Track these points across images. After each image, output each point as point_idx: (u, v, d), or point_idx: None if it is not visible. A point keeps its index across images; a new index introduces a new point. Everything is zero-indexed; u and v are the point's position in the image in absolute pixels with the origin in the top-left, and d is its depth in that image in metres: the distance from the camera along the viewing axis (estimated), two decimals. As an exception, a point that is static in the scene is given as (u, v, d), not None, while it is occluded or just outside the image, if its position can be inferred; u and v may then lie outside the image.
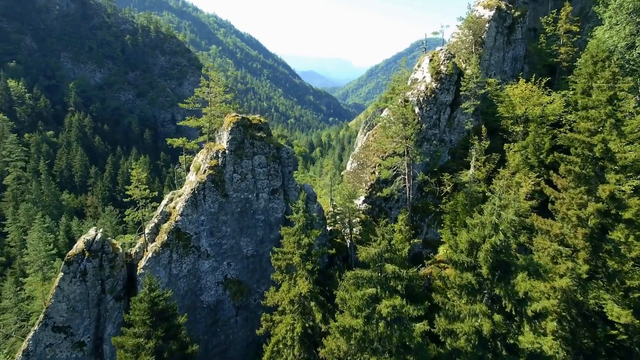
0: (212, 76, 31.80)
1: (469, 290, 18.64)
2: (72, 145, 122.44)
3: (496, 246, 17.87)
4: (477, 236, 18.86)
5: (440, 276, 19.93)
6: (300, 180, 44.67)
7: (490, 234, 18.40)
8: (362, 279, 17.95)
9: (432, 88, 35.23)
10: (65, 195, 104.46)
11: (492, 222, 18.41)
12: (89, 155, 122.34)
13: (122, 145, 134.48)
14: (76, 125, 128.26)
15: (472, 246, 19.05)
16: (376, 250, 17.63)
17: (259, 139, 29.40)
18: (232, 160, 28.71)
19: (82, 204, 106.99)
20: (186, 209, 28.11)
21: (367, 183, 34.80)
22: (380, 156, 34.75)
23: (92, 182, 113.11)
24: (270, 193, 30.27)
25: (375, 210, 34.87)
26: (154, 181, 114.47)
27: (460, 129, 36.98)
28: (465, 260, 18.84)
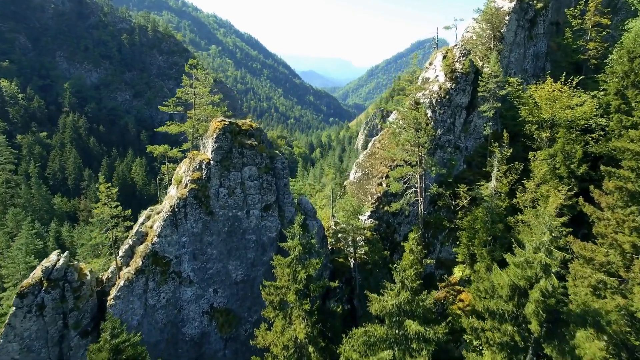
0: (197, 74, 27.62)
1: (509, 349, 14.44)
2: (65, 146, 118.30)
3: (547, 293, 13.69)
4: (520, 278, 14.64)
5: (471, 328, 15.66)
6: (299, 189, 40.44)
7: (538, 275, 14.21)
8: (375, 339, 13.74)
9: (446, 88, 31.01)
10: (57, 199, 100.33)
11: (541, 262, 14.19)
12: (83, 157, 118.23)
13: (118, 146, 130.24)
14: (70, 126, 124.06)
15: (513, 291, 14.82)
16: (394, 302, 13.42)
17: (249, 148, 25.20)
18: (218, 172, 24.51)
19: (74, 208, 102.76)
20: (164, 229, 23.92)
21: (373, 196, 30.60)
22: (388, 165, 30.54)
23: (86, 185, 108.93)
24: (262, 209, 26.08)
25: (382, 226, 30.67)
26: (150, 184, 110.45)
27: (477, 134, 32.77)
28: (506, 309, 14.61)
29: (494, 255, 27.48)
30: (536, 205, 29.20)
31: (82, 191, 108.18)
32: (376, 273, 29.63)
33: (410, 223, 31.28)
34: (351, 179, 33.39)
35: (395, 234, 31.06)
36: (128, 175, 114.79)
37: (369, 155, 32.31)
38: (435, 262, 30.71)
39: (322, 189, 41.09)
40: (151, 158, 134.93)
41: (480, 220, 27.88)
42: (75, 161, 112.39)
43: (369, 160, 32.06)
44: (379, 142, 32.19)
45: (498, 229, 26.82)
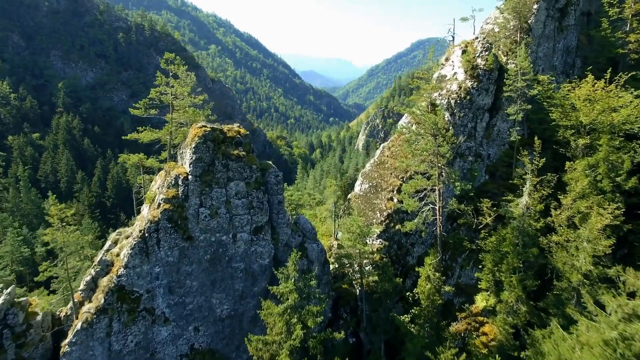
0: (175, 71, 23.18)
1: None
2: (58, 148, 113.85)
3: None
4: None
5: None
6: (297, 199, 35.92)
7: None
8: None
9: (466, 87, 26.52)
10: (48, 203, 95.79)
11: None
12: (77, 159, 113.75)
13: (114, 147, 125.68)
14: (64, 127, 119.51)
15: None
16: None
17: (236, 159, 20.73)
18: (198, 189, 20.06)
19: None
20: (133, 258, 19.47)
21: (382, 212, 26.14)
22: (400, 177, 26.08)
23: (79, 188, 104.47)
24: (252, 232, 21.62)
25: (393, 247, 26.22)
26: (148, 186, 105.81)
27: (501, 140, 28.31)
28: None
29: (525, 284, 23.07)
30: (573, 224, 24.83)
31: (75, 194, 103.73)
32: (386, 303, 25.21)
33: (424, 243, 26.85)
34: (356, 191, 28.92)
35: (407, 256, 26.63)
36: (123, 177, 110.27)
37: (377, 164, 27.84)
38: (454, 288, 26.26)
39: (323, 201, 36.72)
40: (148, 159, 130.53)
41: (509, 243, 23.44)
42: (68, 163, 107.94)
43: (377, 170, 27.59)
44: (388, 149, 27.71)
45: (531, 254, 22.37)
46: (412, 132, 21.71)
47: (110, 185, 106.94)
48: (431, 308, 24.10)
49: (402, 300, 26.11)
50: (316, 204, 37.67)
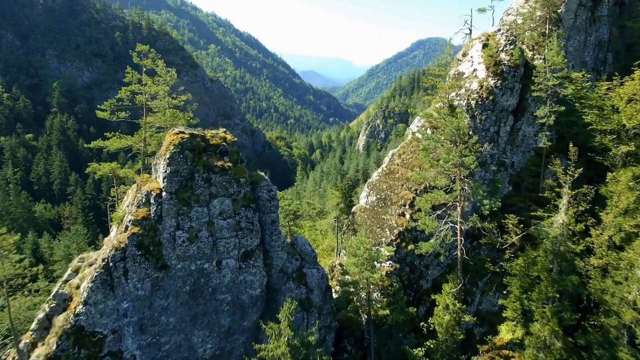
0: (150, 66, 19.66)
1: None
2: (52, 149, 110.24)
3: None
4: None
5: None
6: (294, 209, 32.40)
7: None
8: None
9: (488, 86, 22.95)
10: (39, 206, 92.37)
11: None
12: (71, 161, 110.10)
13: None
14: (58, 127, 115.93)
15: None
16: None
17: (220, 172, 17.16)
18: (174, 208, 16.48)
19: (59, 215, 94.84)
20: (94, 293, 15.90)
21: (392, 230, 22.57)
22: (413, 190, 22.50)
23: (72, 191, 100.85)
24: (240, 258, 18.06)
25: (405, 270, 22.65)
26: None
27: (526, 146, 24.77)
28: None
29: (562, 317, 19.53)
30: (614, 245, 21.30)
31: (68, 197, 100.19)
32: (397, 335, 21.67)
33: (440, 265, 23.29)
34: (362, 203, 25.36)
35: (421, 280, 23.08)
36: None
37: (386, 174, 24.26)
38: (474, 315, 22.72)
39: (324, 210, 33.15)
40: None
41: (541, 267, 19.89)
42: (61, 165, 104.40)
43: (386, 180, 24.01)
44: (399, 157, 24.12)
45: (570, 282, 18.83)
46: (431, 139, 18.12)
47: (106, 187, 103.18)
48: (450, 342, 20.57)
49: (415, 330, 22.58)
50: (316, 214, 34.17)
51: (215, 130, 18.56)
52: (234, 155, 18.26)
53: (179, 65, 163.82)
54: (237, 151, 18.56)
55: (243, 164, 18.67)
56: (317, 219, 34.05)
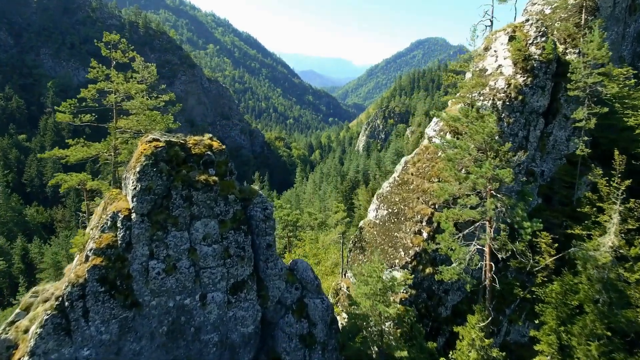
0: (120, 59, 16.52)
1: None
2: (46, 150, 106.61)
3: None
4: None
5: None
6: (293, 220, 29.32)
7: None
8: None
9: (517, 85, 19.82)
10: (31, 210, 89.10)
11: None
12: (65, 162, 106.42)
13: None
14: (52, 128, 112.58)
15: None
16: None
17: (204, 188, 13.98)
18: (146, 233, 13.30)
19: (51, 219, 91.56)
20: (44, 340, 12.69)
21: (407, 250, 19.44)
22: (430, 204, 19.35)
23: (65, 193, 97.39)
24: (229, 291, 14.89)
25: (421, 296, 19.52)
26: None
27: (557, 153, 21.65)
28: None
29: (613, 357, 16.45)
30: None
31: (61, 200, 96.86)
32: (414, 373, 18.54)
33: (461, 289, 20.18)
34: (370, 217, 22.21)
35: (439, 307, 19.95)
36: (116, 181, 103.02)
37: (399, 185, 21.09)
38: (500, 347, 19.62)
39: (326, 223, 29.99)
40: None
41: (585, 297, 16.82)
42: (54, 166, 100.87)
43: (398, 192, 20.85)
44: (413, 165, 20.96)
45: (624, 318, 15.73)
46: (460, 148, 14.95)
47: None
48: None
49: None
50: (318, 225, 31.03)
51: (198, 137, 15.38)
52: (222, 167, 15.09)
53: (177, 64, 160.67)
54: (226, 161, 15.38)
55: (233, 176, 15.49)
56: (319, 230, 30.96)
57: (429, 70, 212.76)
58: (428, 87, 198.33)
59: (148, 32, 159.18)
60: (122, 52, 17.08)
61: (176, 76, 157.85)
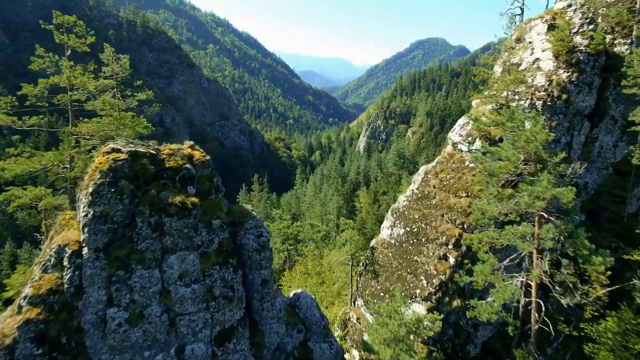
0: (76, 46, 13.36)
1: None
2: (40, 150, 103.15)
3: None
4: None
5: None
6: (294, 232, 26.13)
7: None
8: None
9: (559, 81, 16.58)
10: (22, 213, 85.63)
11: None
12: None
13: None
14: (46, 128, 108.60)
15: None
16: None
17: (179, 212, 10.71)
18: (102, 274, 10.02)
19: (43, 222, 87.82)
20: (-32, 415, 9.49)
21: (430, 278, 16.20)
22: (459, 223, 16.08)
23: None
24: (215, 340, 11.62)
25: (447, 333, 16.29)
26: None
27: (603, 162, 18.40)
28: None
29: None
30: None
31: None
32: None
33: (492, 323, 16.94)
34: (384, 236, 18.95)
35: (468, 345, 16.70)
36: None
37: (418, 199, 17.82)
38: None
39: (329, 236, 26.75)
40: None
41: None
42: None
43: (418, 208, 17.58)
44: (435, 176, 17.69)
45: None
46: (507, 161, 11.67)
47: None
48: None
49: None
50: (321, 238, 27.79)
51: (176, 145, 12.09)
52: (205, 183, 11.81)
53: (175, 64, 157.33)
54: (211, 175, 12.10)
55: (220, 194, 12.21)
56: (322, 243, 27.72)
57: (430, 71, 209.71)
58: (429, 88, 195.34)
59: (146, 31, 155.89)
60: (77, 36, 13.85)
61: (175, 76, 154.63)
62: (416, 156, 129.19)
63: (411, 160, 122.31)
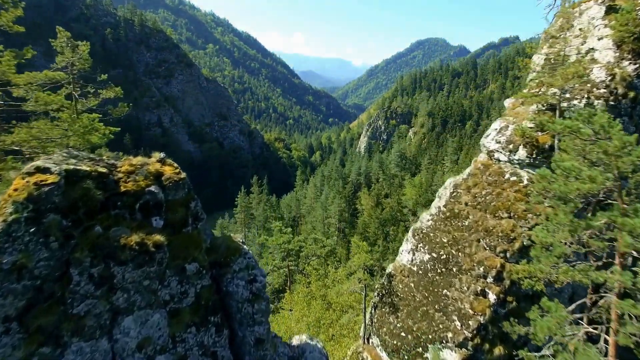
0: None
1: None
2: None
3: None
4: None
5: None
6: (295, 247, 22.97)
7: None
8: None
9: (625, 76, 13.40)
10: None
11: None
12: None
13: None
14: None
15: None
16: None
17: (136, 258, 7.53)
18: (16, 354, 6.89)
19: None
20: None
21: (465, 319, 12.99)
22: (500, 251, 12.87)
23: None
24: None
25: (486, 388, 13.10)
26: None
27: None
28: None
29: None
30: None
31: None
32: None
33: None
34: (404, 262, 15.74)
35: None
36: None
37: (446, 218, 14.61)
38: None
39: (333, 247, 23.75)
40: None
41: None
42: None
43: (447, 229, 14.37)
44: (466, 191, 14.47)
45: None
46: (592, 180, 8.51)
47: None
48: None
49: None
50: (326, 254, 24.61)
51: (141, 159, 8.84)
52: (178, 211, 8.58)
53: (174, 63, 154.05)
54: (186, 200, 8.86)
55: (199, 223, 8.97)
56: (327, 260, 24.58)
57: (431, 70, 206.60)
58: (430, 87, 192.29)
59: (144, 30, 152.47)
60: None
61: (173, 75, 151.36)
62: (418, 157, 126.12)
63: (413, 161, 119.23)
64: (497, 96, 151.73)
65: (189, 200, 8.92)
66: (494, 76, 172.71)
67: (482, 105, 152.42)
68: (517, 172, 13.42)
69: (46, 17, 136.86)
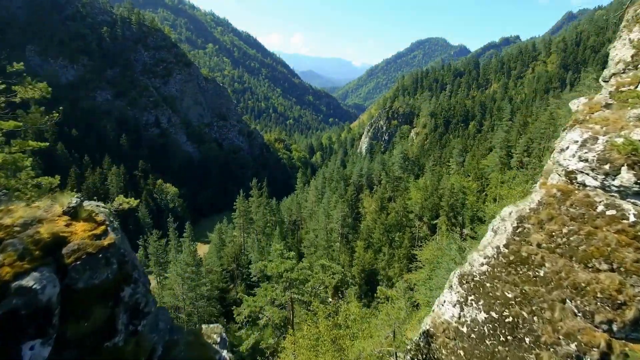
0: None
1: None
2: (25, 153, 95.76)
3: None
4: None
5: None
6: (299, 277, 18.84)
7: None
8: None
9: None
10: (4, 221, 78.33)
11: None
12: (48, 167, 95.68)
13: (94, 153, 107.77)
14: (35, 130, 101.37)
15: None
16: None
17: None
18: None
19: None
20: None
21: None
22: (600, 321, 8.82)
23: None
24: None
25: None
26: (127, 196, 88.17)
27: None
28: None
29: None
30: None
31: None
32: None
33: None
34: (447, 317, 11.67)
35: None
36: (101, 187, 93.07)
37: (510, 263, 10.55)
38: None
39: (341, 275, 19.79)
40: (131, 166, 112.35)
41: None
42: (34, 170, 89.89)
43: (510, 279, 10.32)
44: (538, 226, 10.38)
45: None
46: None
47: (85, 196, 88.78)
48: None
49: None
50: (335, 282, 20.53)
51: (34, 208, 4.77)
52: (93, 312, 4.59)
53: (172, 63, 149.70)
54: (113, 285, 4.87)
55: (140, 324, 4.94)
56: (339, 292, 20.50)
57: (432, 70, 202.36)
58: (432, 87, 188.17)
59: (141, 29, 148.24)
60: None
61: (171, 75, 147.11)
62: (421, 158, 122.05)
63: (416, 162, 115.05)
64: (500, 96, 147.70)
65: (118, 285, 4.84)
66: (497, 76, 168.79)
67: (485, 105, 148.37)
68: (615, 203, 9.28)
69: (42, 15, 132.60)
